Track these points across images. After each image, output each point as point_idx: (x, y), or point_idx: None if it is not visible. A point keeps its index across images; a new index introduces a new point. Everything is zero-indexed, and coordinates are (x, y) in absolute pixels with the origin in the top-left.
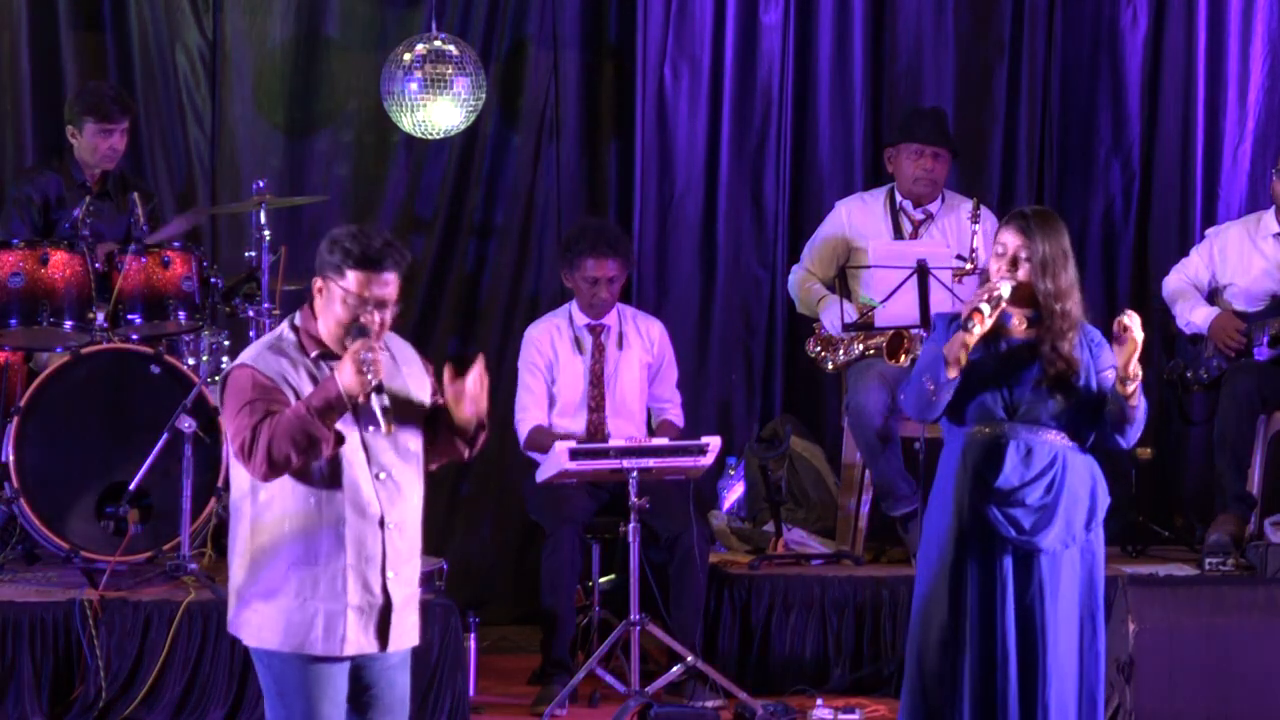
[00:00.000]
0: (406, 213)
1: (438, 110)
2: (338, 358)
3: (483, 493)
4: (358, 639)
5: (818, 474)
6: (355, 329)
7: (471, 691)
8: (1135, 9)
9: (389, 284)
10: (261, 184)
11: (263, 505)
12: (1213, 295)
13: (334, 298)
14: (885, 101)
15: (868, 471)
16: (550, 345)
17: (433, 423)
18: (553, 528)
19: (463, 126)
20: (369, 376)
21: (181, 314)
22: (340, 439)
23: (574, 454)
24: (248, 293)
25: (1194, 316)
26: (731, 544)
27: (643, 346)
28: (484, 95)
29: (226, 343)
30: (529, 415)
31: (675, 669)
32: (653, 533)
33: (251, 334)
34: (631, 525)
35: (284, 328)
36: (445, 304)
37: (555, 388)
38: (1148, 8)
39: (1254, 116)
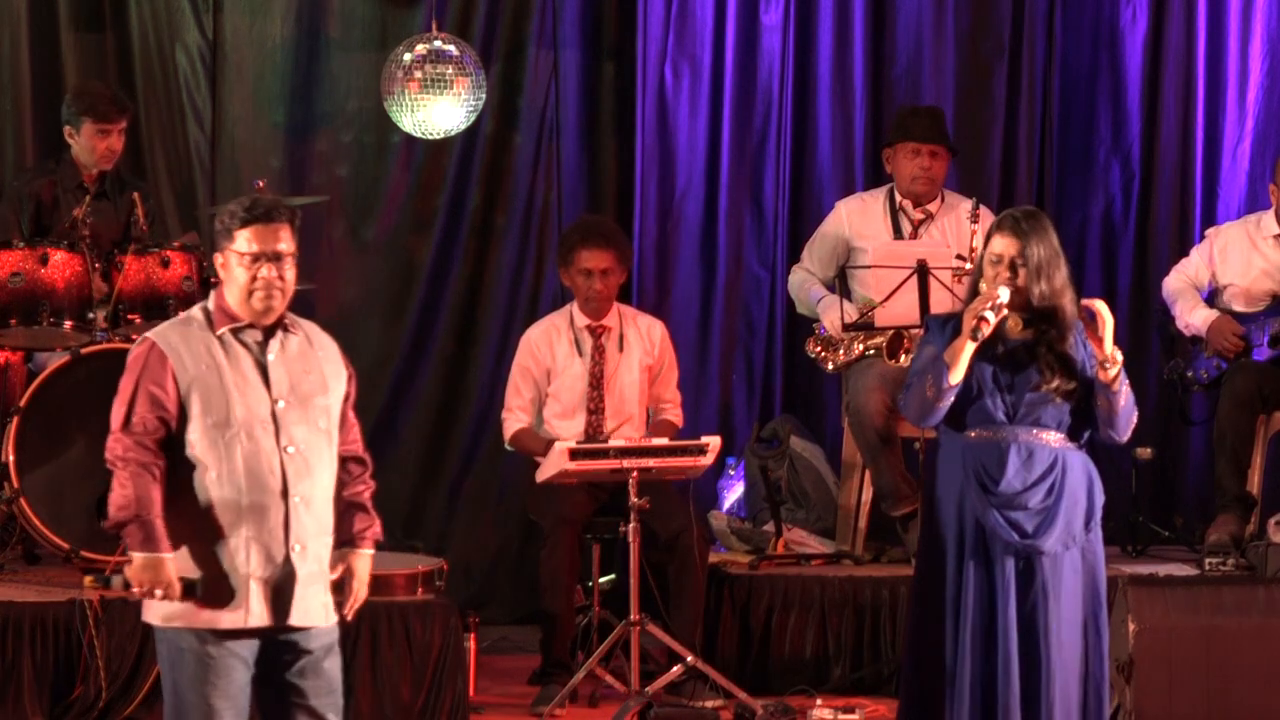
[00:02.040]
0: (406, 213)
1: (438, 110)
2: (249, 329)
3: (482, 493)
4: (261, 611)
5: (818, 474)
6: (188, 589)
7: (471, 691)
8: (1135, 9)
9: (281, 238)
10: (261, 183)
11: (173, 484)
12: (1213, 295)
13: (232, 263)
14: (885, 101)
15: (868, 471)
16: (548, 348)
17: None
18: (552, 528)
19: (463, 126)
20: (146, 591)
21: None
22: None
23: (574, 454)
24: None
25: (1193, 319)
26: (731, 544)
27: (643, 348)
28: (484, 95)
29: None
30: (514, 416)
31: (675, 669)
32: (652, 533)
33: None
34: (631, 525)
35: (195, 308)
36: (445, 304)
37: (553, 389)
38: (1148, 8)
39: (1254, 116)
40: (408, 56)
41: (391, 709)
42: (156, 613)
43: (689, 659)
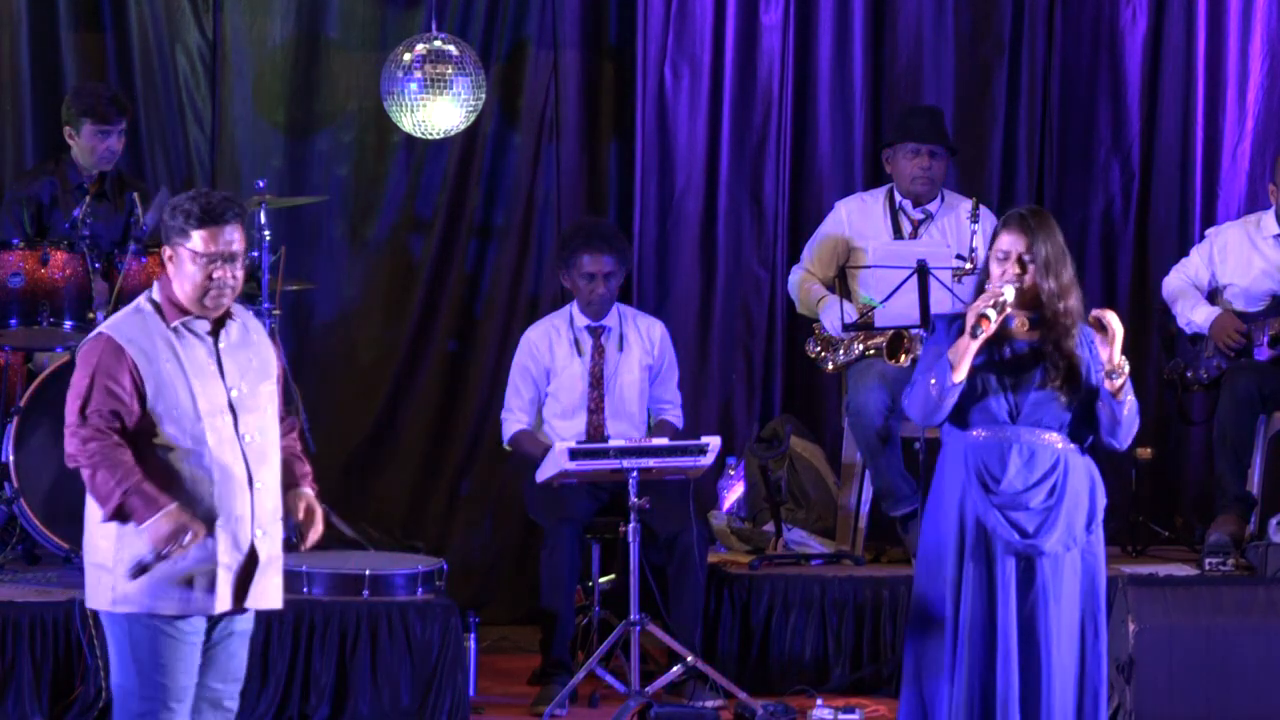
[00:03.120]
0: (406, 213)
1: (438, 110)
2: (199, 321)
3: (483, 493)
4: (227, 596)
5: (818, 474)
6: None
7: (471, 691)
8: (1135, 9)
9: (234, 238)
10: (262, 184)
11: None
12: (1213, 295)
13: (183, 260)
14: (885, 101)
15: (868, 471)
16: (548, 349)
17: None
18: (552, 528)
19: (463, 126)
20: (174, 546)
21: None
22: (121, 519)
23: (574, 454)
24: (248, 293)
25: (1194, 316)
26: (731, 544)
27: (643, 348)
28: (484, 95)
29: None
30: (514, 417)
31: (675, 669)
32: (652, 533)
33: None
34: (631, 525)
35: (141, 300)
36: (445, 304)
37: (553, 389)
38: (1147, 7)
39: (1253, 116)
40: (408, 56)
41: (391, 709)
42: (108, 599)
43: (689, 659)
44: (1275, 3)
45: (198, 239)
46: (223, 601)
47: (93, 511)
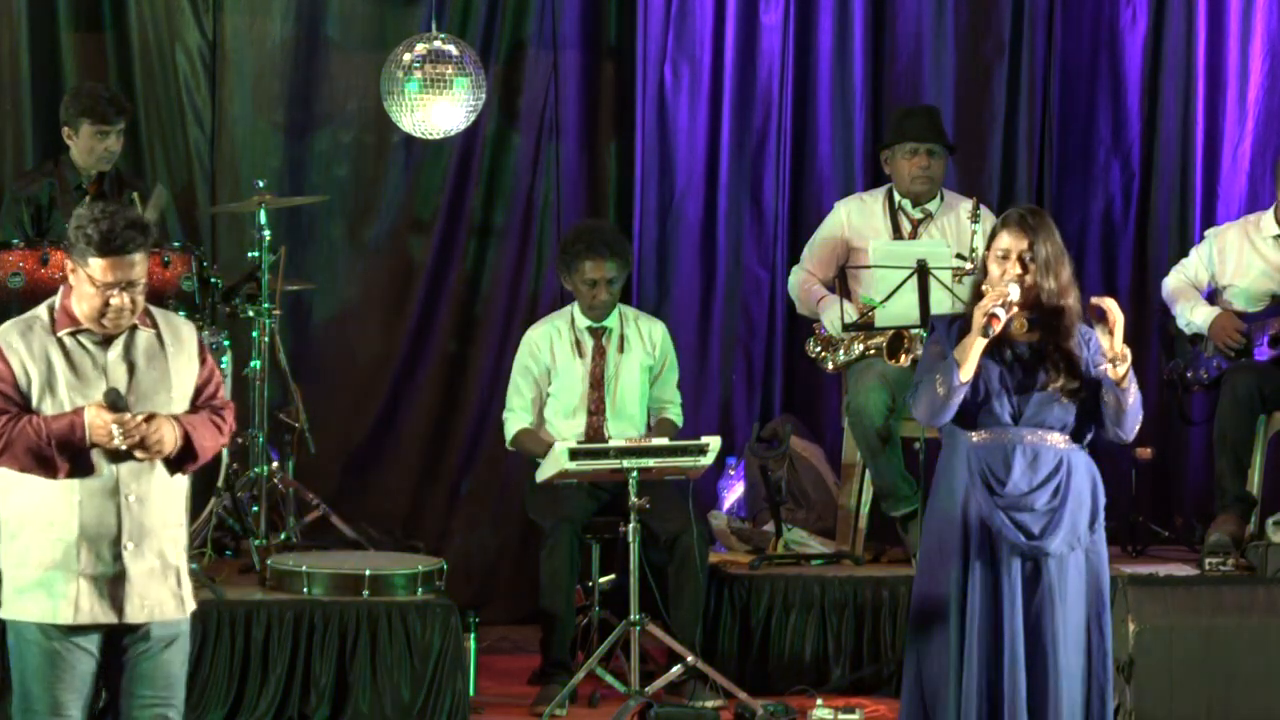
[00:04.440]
0: (406, 213)
1: (438, 110)
2: (89, 333)
3: (483, 493)
4: (92, 609)
5: (818, 474)
6: (109, 396)
7: (471, 691)
8: (1135, 9)
9: (134, 265)
10: (261, 184)
11: (15, 478)
12: (1213, 295)
13: (83, 281)
14: (885, 101)
15: (868, 471)
16: (549, 349)
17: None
18: (552, 528)
19: (463, 126)
20: (115, 443)
21: (181, 314)
22: (79, 469)
23: (574, 454)
24: (248, 293)
25: (1194, 316)
26: (731, 544)
27: (643, 349)
28: (484, 95)
29: (226, 343)
30: (515, 417)
31: (675, 669)
32: (652, 533)
33: (253, 334)
34: (631, 525)
35: (41, 306)
36: (444, 304)
37: (553, 390)
38: (1147, 8)
39: (1254, 116)
40: (408, 56)
41: (391, 709)
42: (6, 608)
43: (689, 659)
44: (1275, 3)
45: (96, 267)
46: (86, 614)
47: (3, 512)
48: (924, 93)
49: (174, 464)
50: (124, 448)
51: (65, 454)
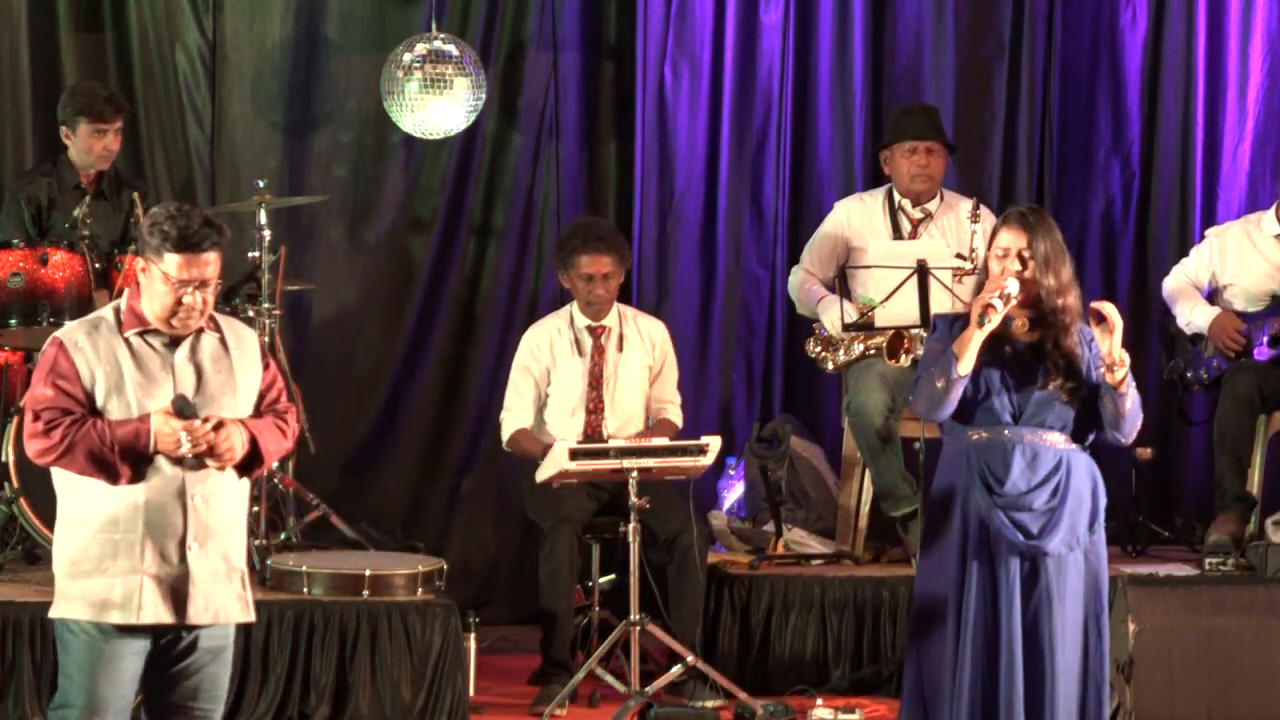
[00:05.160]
0: (406, 213)
1: (438, 110)
2: (157, 333)
3: (483, 493)
4: (155, 608)
5: (818, 474)
6: (178, 403)
7: (471, 691)
8: (1135, 9)
9: (209, 264)
10: (261, 184)
11: (70, 477)
12: (1213, 295)
13: (155, 279)
14: (885, 101)
15: (868, 471)
16: (548, 349)
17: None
18: (551, 528)
19: (463, 126)
20: (182, 452)
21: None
22: (139, 475)
23: (574, 454)
24: (248, 293)
25: (1194, 316)
26: (731, 544)
27: (643, 348)
28: (484, 95)
29: None
30: (513, 417)
31: (675, 669)
32: (652, 533)
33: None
34: (631, 525)
35: (107, 307)
36: (444, 304)
37: (552, 389)
38: (1147, 7)
39: (1254, 116)
40: (408, 56)
41: (391, 709)
42: (59, 607)
43: (689, 659)
44: (1275, 3)
45: (172, 263)
46: (149, 613)
47: (58, 514)
48: (924, 93)
49: (241, 469)
50: (190, 456)
51: (127, 461)
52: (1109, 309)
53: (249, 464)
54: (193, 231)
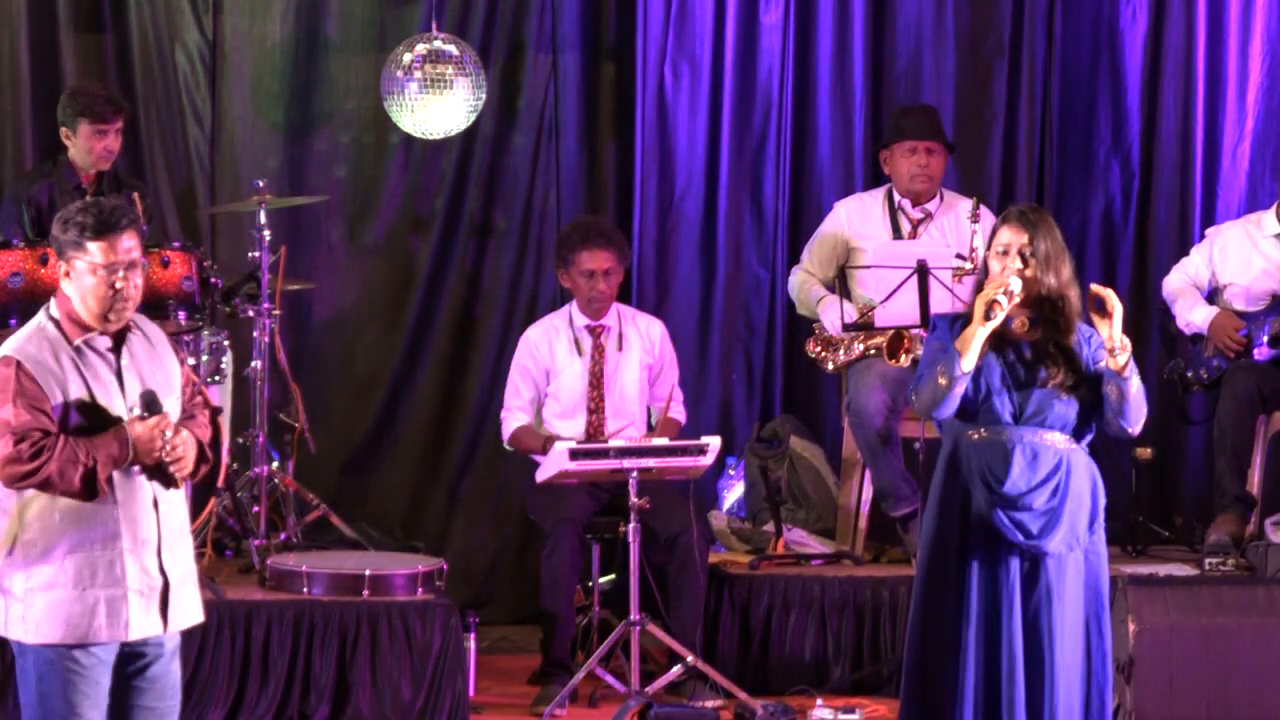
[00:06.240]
0: (405, 213)
1: (438, 110)
2: (104, 334)
3: (483, 493)
4: (140, 622)
5: (818, 474)
6: (146, 398)
7: (471, 691)
8: (1135, 9)
9: (131, 245)
10: (261, 184)
11: (28, 497)
12: (1213, 295)
13: (83, 274)
14: (885, 101)
15: (868, 471)
16: (548, 349)
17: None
18: (552, 528)
19: (463, 126)
20: (160, 453)
21: (181, 314)
22: (110, 488)
23: (574, 454)
24: (248, 293)
25: (1193, 316)
26: (731, 544)
27: (642, 347)
28: (484, 95)
29: (226, 343)
30: (513, 416)
31: (675, 669)
32: (652, 533)
33: (254, 334)
34: (631, 525)
35: (42, 318)
36: (444, 304)
37: (553, 389)
38: (1148, 8)
39: (1254, 116)
40: (408, 56)
41: (391, 709)
42: (30, 631)
43: (689, 659)
44: (1275, 3)
45: (96, 250)
46: (137, 628)
47: (21, 533)
48: (924, 93)
49: (192, 471)
50: (167, 459)
51: (108, 475)
52: (1108, 293)
53: (197, 465)
54: (107, 214)
